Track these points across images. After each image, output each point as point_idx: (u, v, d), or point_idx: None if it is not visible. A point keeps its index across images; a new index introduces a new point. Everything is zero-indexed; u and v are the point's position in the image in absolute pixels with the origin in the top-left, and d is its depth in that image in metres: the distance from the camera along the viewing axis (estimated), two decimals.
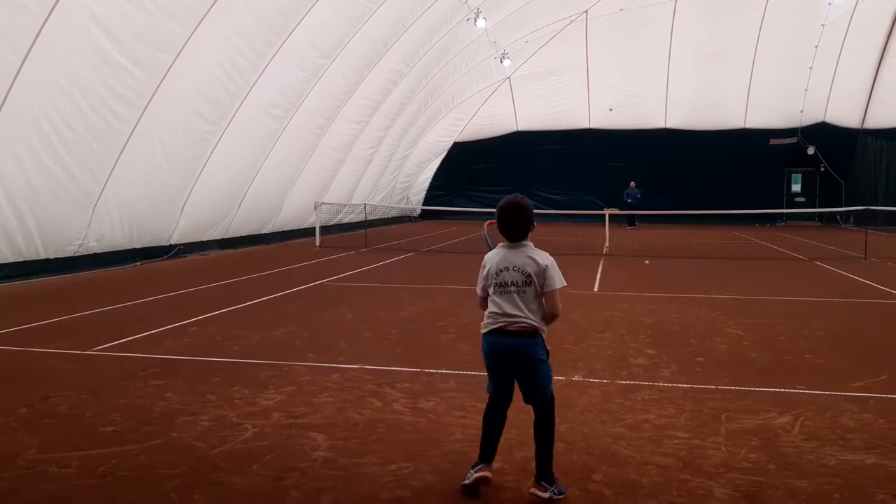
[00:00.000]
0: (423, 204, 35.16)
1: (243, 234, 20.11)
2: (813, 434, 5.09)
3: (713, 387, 6.29)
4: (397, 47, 21.52)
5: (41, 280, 13.04)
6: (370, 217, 27.31)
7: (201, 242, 18.23)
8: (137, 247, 15.88)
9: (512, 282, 4.12)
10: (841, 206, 29.24)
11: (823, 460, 4.61)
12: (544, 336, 4.18)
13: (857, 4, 26.69)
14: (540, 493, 3.99)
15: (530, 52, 30.48)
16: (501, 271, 4.18)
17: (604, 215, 22.49)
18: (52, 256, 13.67)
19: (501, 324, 4.11)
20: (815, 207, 31.84)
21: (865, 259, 16.73)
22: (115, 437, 4.99)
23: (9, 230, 12.59)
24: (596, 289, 12.57)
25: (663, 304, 10.82)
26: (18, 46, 11.18)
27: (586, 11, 28.94)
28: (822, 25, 27.51)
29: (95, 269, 14.44)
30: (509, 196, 4.33)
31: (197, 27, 13.89)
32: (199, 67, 14.82)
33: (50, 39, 11.44)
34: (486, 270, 4.31)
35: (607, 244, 19.93)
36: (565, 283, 4.18)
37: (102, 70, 12.76)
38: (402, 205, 32.96)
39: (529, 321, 4.07)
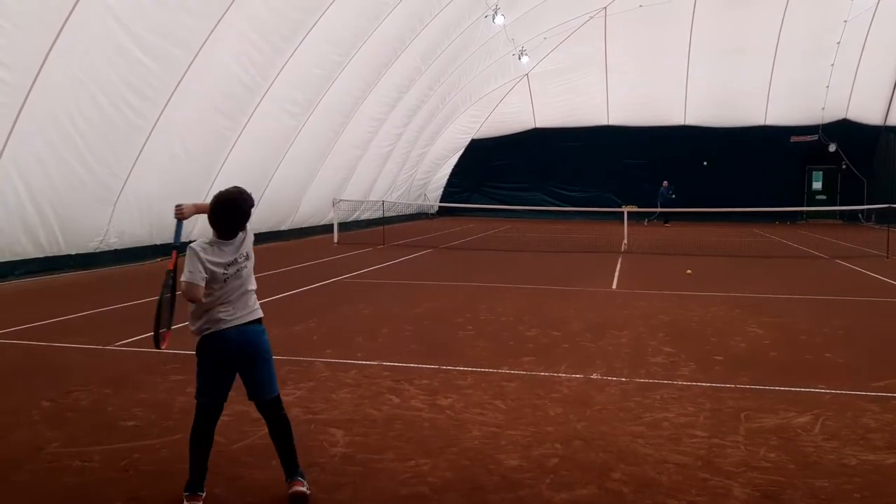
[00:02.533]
0: (441, 201, 35.12)
1: (261, 231, 20.17)
2: (833, 434, 5.06)
3: (732, 385, 6.26)
4: (415, 44, 21.52)
5: (63, 275, 13.17)
6: (388, 214, 27.35)
7: None
8: (157, 243, 15.99)
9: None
10: (862, 204, 28.93)
11: (844, 460, 4.58)
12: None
13: (879, 0, 26.37)
14: (302, 489, 3.96)
15: (549, 48, 30.35)
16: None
17: (622, 212, 22.38)
18: (73, 252, 13.81)
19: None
20: (836, 205, 31.51)
21: (887, 257, 16.56)
22: (136, 432, 5.05)
23: (31, 226, 12.73)
24: (614, 286, 12.53)
25: (682, 301, 10.76)
26: (40, 43, 11.29)
27: (605, 8, 28.76)
28: (845, 21, 27.19)
29: (116, 264, 14.57)
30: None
31: (216, 24, 13.97)
32: (217, 64, 14.90)
33: (70, 36, 11.54)
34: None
35: (625, 241, 19.84)
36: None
37: (122, 66, 12.86)
38: (419, 202, 32.97)
39: None
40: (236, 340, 4.13)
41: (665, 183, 30.06)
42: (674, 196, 29.56)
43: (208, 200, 4.16)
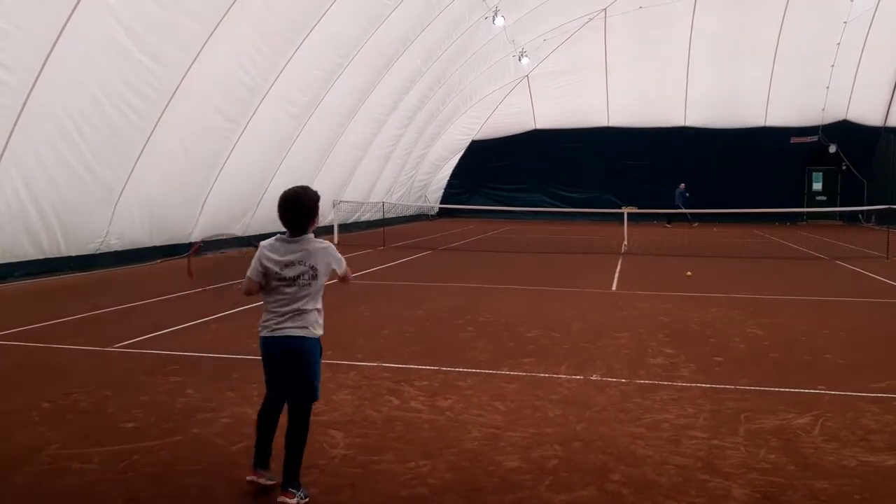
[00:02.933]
0: (441, 202, 35.15)
1: (263, 232, 20.18)
2: (833, 435, 5.06)
3: (732, 387, 6.25)
4: (415, 46, 21.53)
5: (63, 277, 13.17)
6: (388, 215, 27.36)
7: (222, 240, 18.30)
8: (158, 244, 16.00)
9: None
10: (862, 205, 28.92)
11: (844, 461, 4.58)
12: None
13: (879, 1, 26.38)
14: (288, 500, 3.90)
15: (549, 50, 30.38)
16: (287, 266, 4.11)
17: (622, 213, 22.38)
18: (73, 254, 13.81)
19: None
20: (836, 206, 31.51)
21: (887, 258, 16.55)
22: (136, 433, 5.05)
23: (32, 227, 12.73)
24: (614, 287, 12.53)
25: (682, 303, 10.76)
26: (41, 45, 11.29)
27: (605, 9, 28.79)
28: (845, 22, 27.20)
29: (117, 266, 14.57)
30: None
31: (217, 25, 13.97)
32: (218, 65, 14.91)
33: (71, 37, 11.55)
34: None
35: (625, 242, 19.84)
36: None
37: (123, 68, 12.87)
38: (419, 203, 32.98)
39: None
40: (278, 350, 4.14)
41: (682, 185, 29.92)
42: (688, 196, 29.38)
43: (207, 201, 4.18)
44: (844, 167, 31.85)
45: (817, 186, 33.16)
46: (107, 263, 14.47)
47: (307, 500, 4.00)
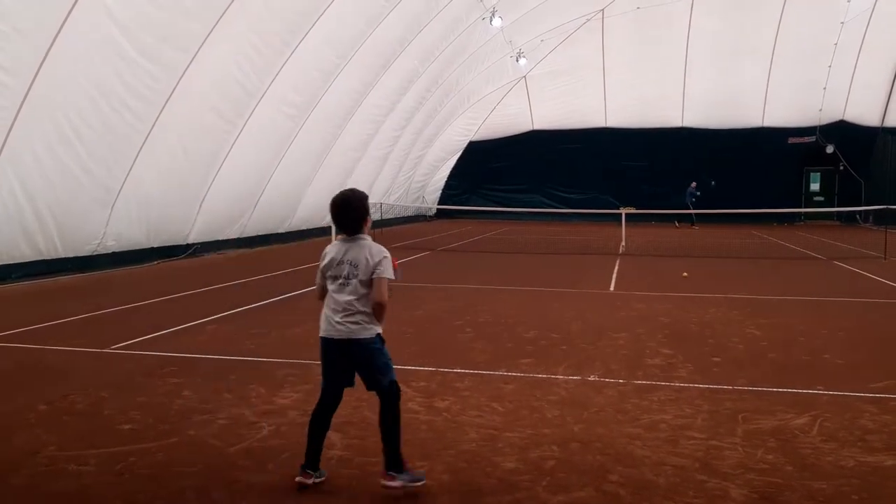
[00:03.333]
0: (439, 203, 35.16)
1: (260, 233, 20.20)
2: (831, 435, 5.05)
3: (730, 387, 6.25)
4: (413, 46, 21.54)
5: (60, 278, 13.15)
6: (386, 216, 27.34)
7: (218, 241, 18.32)
8: (155, 245, 15.99)
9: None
10: (860, 205, 28.96)
11: (842, 462, 4.58)
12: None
13: (876, 2, 26.42)
14: (390, 483, 4.05)
15: (546, 50, 30.40)
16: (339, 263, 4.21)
17: (620, 214, 22.39)
18: (70, 255, 13.79)
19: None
20: (833, 206, 31.54)
21: (885, 258, 16.57)
22: (133, 435, 5.03)
23: (28, 229, 12.71)
24: (612, 288, 12.53)
25: (680, 303, 10.76)
26: (38, 45, 11.27)
27: (602, 10, 28.81)
28: (842, 23, 27.25)
29: (114, 267, 14.55)
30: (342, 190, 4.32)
31: (214, 26, 13.96)
32: (216, 66, 14.90)
33: (68, 38, 11.53)
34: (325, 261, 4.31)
35: (623, 243, 19.85)
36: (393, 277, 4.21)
37: (120, 68, 12.85)
38: (417, 204, 32.97)
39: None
40: (333, 351, 4.29)
41: (693, 184, 29.91)
42: (699, 194, 29.27)
43: (205, 202, 4.24)
44: (842, 167, 31.89)
45: (815, 187, 33.20)
46: (104, 264, 14.45)
47: (418, 483, 4.11)
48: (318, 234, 22.93)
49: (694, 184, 29.93)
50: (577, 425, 5.27)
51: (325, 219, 22.58)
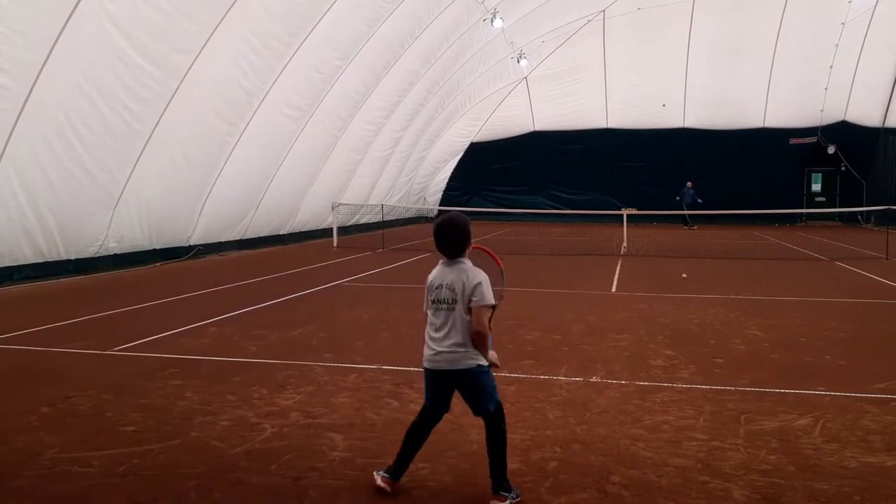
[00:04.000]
0: (440, 204, 35.16)
1: (261, 235, 20.22)
2: (833, 436, 5.05)
3: (732, 388, 6.25)
4: (414, 48, 21.54)
5: (62, 280, 13.17)
6: (387, 217, 27.36)
7: (220, 243, 18.34)
8: (157, 247, 16.01)
9: (444, 299, 4.06)
10: (862, 206, 28.94)
11: (844, 462, 4.57)
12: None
13: (877, 2, 26.41)
14: (499, 503, 3.95)
15: (547, 51, 30.41)
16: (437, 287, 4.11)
17: (621, 215, 22.39)
18: (72, 257, 13.81)
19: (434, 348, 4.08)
20: (835, 207, 31.53)
21: (886, 259, 16.56)
22: (135, 437, 5.04)
23: (30, 231, 12.73)
24: (614, 289, 12.53)
25: (681, 304, 10.76)
26: (39, 48, 11.29)
27: (603, 11, 28.82)
28: (843, 24, 27.24)
29: (115, 269, 14.57)
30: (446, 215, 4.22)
31: (215, 28, 13.98)
32: (216, 68, 14.91)
33: (69, 41, 11.55)
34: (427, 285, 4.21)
35: (625, 244, 19.85)
36: (493, 302, 4.05)
37: (121, 71, 12.87)
38: (418, 205, 32.98)
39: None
40: (434, 377, 4.12)
41: (689, 184, 29.86)
42: (700, 201, 28.77)
43: (206, 204, 4.24)
44: (843, 168, 31.87)
45: (816, 187, 33.17)
46: (106, 266, 14.47)
47: (518, 499, 4.00)
48: (319, 236, 22.95)
49: (689, 183, 29.87)
50: (579, 426, 5.27)
51: (327, 220, 22.63)
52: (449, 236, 4.11)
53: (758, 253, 19.20)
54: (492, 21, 23.14)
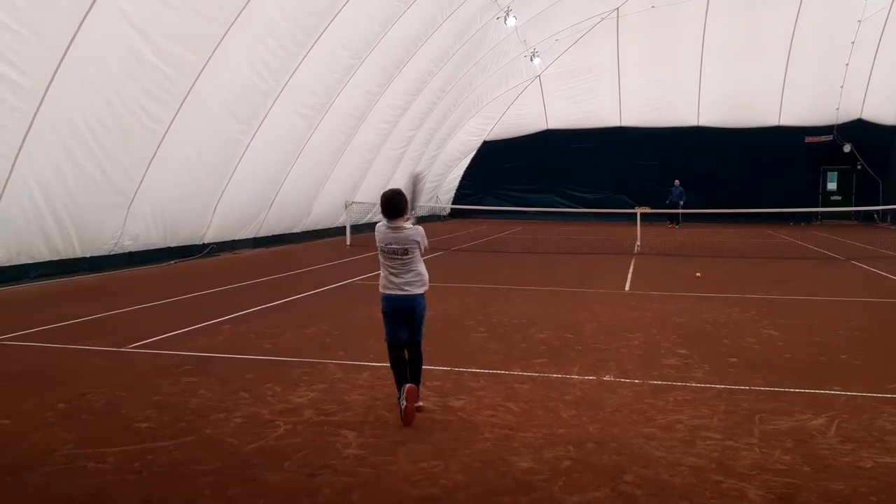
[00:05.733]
0: (453, 203, 35.16)
1: (275, 233, 20.29)
2: (849, 436, 5.02)
3: (746, 387, 6.22)
4: (427, 47, 21.54)
5: (77, 278, 13.26)
6: None
7: (234, 241, 18.42)
8: (171, 245, 16.09)
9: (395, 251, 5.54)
10: (878, 205, 28.71)
11: (860, 462, 4.54)
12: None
13: (894, 0, 26.19)
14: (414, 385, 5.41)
15: (560, 50, 30.33)
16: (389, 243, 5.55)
17: (635, 214, 22.31)
18: (88, 255, 13.90)
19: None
20: (851, 206, 31.27)
21: None
22: (149, 434, 5.07)
23: (46, 229, 12.82)
24: (627, 288, 12.48)
25: (695, 303, 10.71)
26: (54, 48, 11.37)
27: (617, 9, 28.70)
28: (859, 21, 27.02)
29: (130, 267, 14.65)
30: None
31: (229, 28, 14.03)
32: (231, 68, 14.97)
33: (85, 41, 11.62)
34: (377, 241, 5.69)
35: (638, 243, 19.78)
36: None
37: (136, 70, 12.94)
38: (431, 204, 32.99)
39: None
40: (400, 302, 5.55)
41: (677, 182, 29.82)
42: (681, 202, 29.01)
43: (220, 203, 4.56)
44: (859, 167, 31.61)
45: (832, 186, 32.93)
46: (121, 264, 14.56)
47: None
48: (332, 235, 23.00)
49: (677, 181, 29.75)
50: (592, 425, 5.26)
51: (340, 219, 22.68)
52: (388, 205, 5.56)
53: (773, 252, 19.09)
54: (505, 19, 23.11)
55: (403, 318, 5.51)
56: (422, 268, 5.61)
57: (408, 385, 5.29)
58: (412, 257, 5.52)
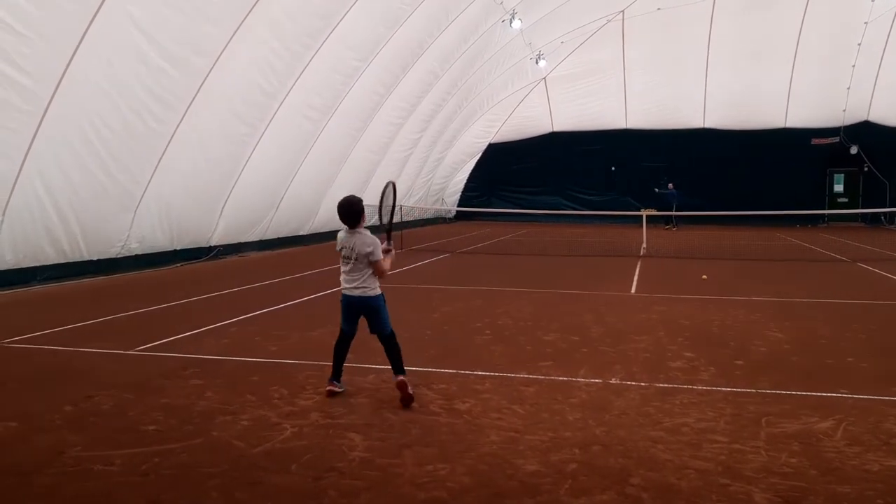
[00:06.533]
0: (458, 205, 35.17)
1: (281, 236, 20.32)
2: (856, 439, 5.01)
3: (753, 390, 6.21)
4: (433, 49, 21.57)
5: (84, 281, 13.30)
6: (405, 218, 27.38)
7: (240, 244, 18.45)
8: (178, 248, 16.12)
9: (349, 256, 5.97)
10: (885, 207, 28.60)
11: (867, 466, 4.53)
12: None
13: None
14: (402, 377, 5.84)
15: (566, 52, 30.32)
16: (343, 248, 6.00)
17: (641, 216, 22.27)
18: (94, 258, 13.94)
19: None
20: (858, 208, 31.16)
21: None
22: (157, 436, 5.08)
23: (53, 232, 12.87)
24: (633, 290, 12.47)
25: (702, 306, 10.69)
26: (61, 51, 11.42)
27: (623, 11, 28.68)
28: (865, 22, 26.95)
29: (137, 269, 14.69)
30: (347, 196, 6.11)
31: (235, 30, 14.07)
32: (237, 70, 15.01)
33: (92, 43, 11.66)
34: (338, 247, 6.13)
35: (644, 245, 19.75)
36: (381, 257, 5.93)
37: (143, 73, 12.98)
38: (437, 206, 32.99)
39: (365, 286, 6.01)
40: (349, 300, 6.08)
41: (671, 185, 29.78)
42: (675, 195, 29.12)
43: (227, 205, 4.69)
44: (866, 168, 31.52)
45: (839, 188, 32.83)
46: (127, 267, 14.60)
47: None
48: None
49: (671, 184, 29.72)
50: (598, 428, 5.25)
51: None
52: (345, 213, 5.96)
53: (779, 254, 19.04)
54: (510, 22, 23.12)
55: (354, 313, 6.10)
56: (372, 273, 6.02)
57: (397, 380, 5.85)
58: (363, 263, 5.95)
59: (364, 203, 6.16)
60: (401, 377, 5.85)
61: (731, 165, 31.45)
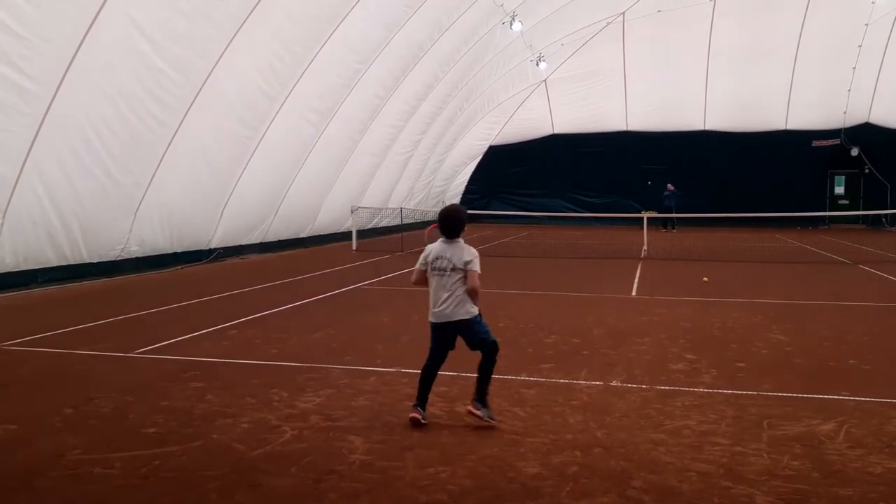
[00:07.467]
0: None
1: (282, 238, 20.31)
2: (858, 441, 4.99)
3: (755, 393, 6.19)
4: (433, 52, 21.57)
5: (85, 283, 13.29)
6: (406, 221, 27.38)
7: (240, 246, 18.44)
8: (178, 251, 16.11)
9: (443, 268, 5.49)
10: (886, 209, 28.58)
11: (869, 468, 4.51)
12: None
13: None
14: (475, 411, 5.29)
15: (566, 54, 30.30)
16: (438, 258, 5.55)
17: (641, 218, 22.26)
18: (95, 260, 13.93)
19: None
20: (859, 210, 31.14)
21: None
22: (157, 439, 5.07)
23: (54, 234, 12.86)
24: (634, 293, 12.46)
25: (703, 308, 10.68)
26: (62, 54, 11.41)
27: (623, 13, 28.70)
28: (866, 24, 26.95)
29: (137, 272, 14.68)
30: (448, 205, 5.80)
31: (236, 33, 14.06)
32: (238, 73, 15.00)
33: (93, 46, 11.66)
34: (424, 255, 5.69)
35: (645, 247, 19.74)
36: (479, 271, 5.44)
37: (144, 76, 12.97)
38: (437, 208, 32.88)
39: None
40: (439, 327, 5.58)
41: (670, 186, 29.78)
42: (673, 197, 29.12)
43: (227, 208, 4.57)
44: (867, 170, 31.50)
45: (839, 190, 32.82)
46: (128, 270, 14.59)
47: (492, 422, 5.28)
48: (338, 239, 23.00)
49: (670, 185, 29.71)
50: (599, 431, 5.24)
51: (346, 223, 22.69)
52: (450, 222, 5.65)
53: (780, 256, 19.02)
54: (511, 24, 23.13)
55: (451, 337, 5.62)
56: (465, 290, 5.50)
57: (474, 408, 5.37)
58: (456, 275, 5.50)
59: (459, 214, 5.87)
60: (472, 406, 5.36)
61: (731, 167, 31.43)
